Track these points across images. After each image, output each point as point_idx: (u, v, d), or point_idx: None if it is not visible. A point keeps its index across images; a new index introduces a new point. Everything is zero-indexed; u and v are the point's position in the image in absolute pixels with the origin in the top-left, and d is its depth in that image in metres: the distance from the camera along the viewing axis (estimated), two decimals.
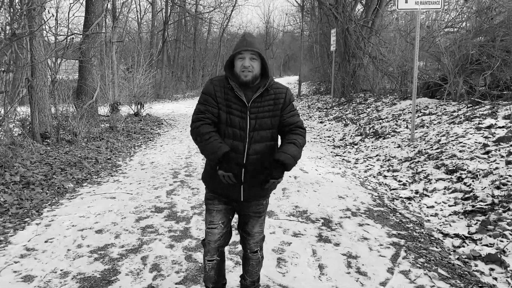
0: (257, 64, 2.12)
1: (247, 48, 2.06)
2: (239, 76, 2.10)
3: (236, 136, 2.13)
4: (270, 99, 2.19)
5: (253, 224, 2.34)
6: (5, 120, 6.54)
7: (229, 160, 2.09)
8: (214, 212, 2.27)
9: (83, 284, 2.78)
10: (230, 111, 2.14)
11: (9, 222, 4.03)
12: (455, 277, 3.04)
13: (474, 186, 4.73)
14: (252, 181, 2.17)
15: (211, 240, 2.28)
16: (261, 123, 2.16)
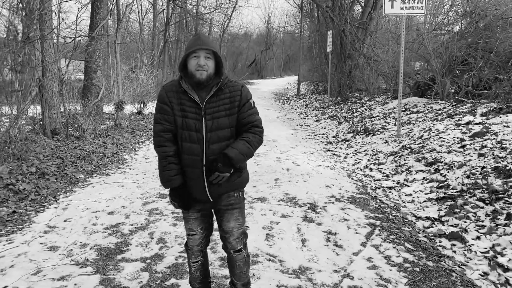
0: (212, 63, 2.11)
1: (201, 47, 2.05)
2: (194, 75, 2.09)
3: (192, 139, 2.13)
4: (225, 97, 2.16)
5: (228, 218, 2.28)
6: (19, 117, 7.03)
7: (180, 192, 2.18)
8: (191, 221, 2.30)
9: (100, 252, 3.28)
10: (185, 115, 2.13)
11: (30, 206, 4.53)
12: (419, 250, 3.53)
13: (448, 176, 5.22)
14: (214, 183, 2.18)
15: (193, 245, 2.34)
16: (218, 123, 2.13)
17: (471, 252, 3.54)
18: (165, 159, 2.16)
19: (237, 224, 2.30)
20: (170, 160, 2.15)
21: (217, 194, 2.21)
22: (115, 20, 14.31)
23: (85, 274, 2.92)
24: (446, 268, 3.22)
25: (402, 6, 7.06)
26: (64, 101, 8.92)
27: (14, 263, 3.09)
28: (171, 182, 2.15)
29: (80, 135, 8.19)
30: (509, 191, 4.21)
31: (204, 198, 2.20)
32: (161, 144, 2.17)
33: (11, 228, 3.84)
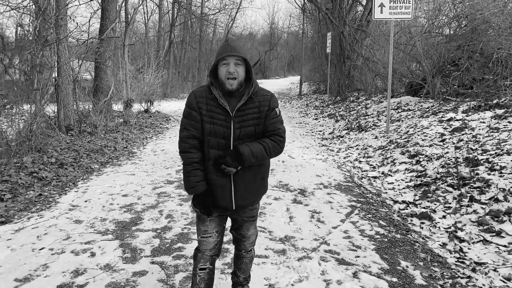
0: (242, 70, 2.09)
1: (231, 54, 2.03)
2: (224, 84, 2.07)
3: (220, 146, 2.11)
4: (254, 106, 2.14)
5: (248, 227, 2.36)
6: (38, 114, 7.67)
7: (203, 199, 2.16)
8: (207, 222, 2.24)
9: (118, 225, 3.89)
10: (214, 122, 2.10)
11: (53, 191, 5.15)
12: (390, 226, 4.10)
13: (427, 166, 5.78)
14: (242, 189, 2.17)
15: (206, 249, 2.27)
16: (246, 131, 2.12)
17: (436, 228, 4.11)
18: (190, 165, 2.14)
19: (254, 231, 2.42)
20: (195, 166, 2.13)
21: (240, 204, 2.20)
22: (122, 22, 14.96)
23: (106, 240, 3.53)
24: (411, 239, 3.80)
25: (390, 11, 7.62)
26: (77, 99, 9.56)
27: (47, 232, 3.71)
28: (195, 188, 2.13)
29: (93, 131, 8.82)
30: (475, 177, 4.78)
31: (228, 206, 2.19)
32: (186, 150, 2.15)
33: (40, 207, 4.47)
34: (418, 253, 3.50)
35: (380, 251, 3.46)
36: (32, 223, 3.93)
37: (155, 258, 3.19)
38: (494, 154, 5.16)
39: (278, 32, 52.96)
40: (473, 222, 4.06)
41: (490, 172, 4.81)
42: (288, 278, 2.93)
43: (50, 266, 3.05)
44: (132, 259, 3.17)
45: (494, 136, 5.74)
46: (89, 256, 3.22)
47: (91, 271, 2.98)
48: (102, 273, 2.94)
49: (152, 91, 13.41)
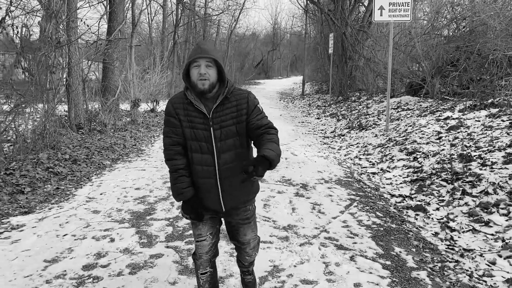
0: (213, 71, 2.10)
1: (201, 55, 2.05)
2: (196, 85, 2.09)
3: (203, 149, 2.14)
4: (232, 106, 2.15)
5: (245, 231, 2.33)
6: (51, 113, 7.98)
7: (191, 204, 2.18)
8: (200, 225, 2.27)
9: (133, 215, 4.19)
10: (193, 126, 2.13)
11: (69, 185, 5.46)
12: (387, 217, 4.39)
13: (424, 163, 6.06)
14: (230, 190, 2.19)
15: (202, 253, 2.29)
16: (226, 131, 2.14)
17: (429, 219, 4.39)
18: (176, 172, 2.17)
19: (253, 235, 2.37)
20: (180, 173, 2.16)
21: (230, 205, 2.22)
22: (129, 24, 15.29)
23: (124, 228, 3.83)
24: (405, 229, 4.08)
25: (390, 14, 7.90)
26: (86, 99, 9.89)
27: (68, 220, 4.02)
28: (183, 194, 2.15)
29: (102, 129, 9.14)
30: (467, 172, 5.05)
31: (217, 209, 2.22)
32: (171, 158, 2.19)
33: (58, 199, 4.78)
34: (411, 241, 3.78)
35: (375, 239, 3.75)
36: (53, 213, 4.24)
37: (169, 243, 3.49)
38: (487, 151, 5.43)
39: (281, 32, 53.23)
40: (464, 214, 4.33)
41: (482, 167, 5.08)
42: (290, 260, 3.23)
43: (74, 250, 3.35)
44: (148, 244, 3.47)
45: (488, 133, 6.01)
46: (109, 241, 3.53)
47: (112, 253, 3.29)
48: (122, 256, 3.24)
49: (158, 91, 13.72)
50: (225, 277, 2.94)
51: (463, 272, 3.22)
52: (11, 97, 6.66)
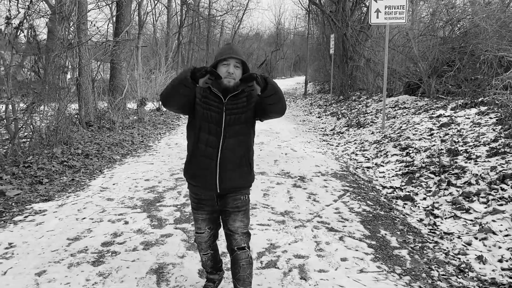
0: (239, 72, 2.24)
1: (232, 56, 2.18)
2: (222, 82, 2.21)
3: (211, 131, 2.25)
4: (243, 96, 2.29)
5: (234, 218, 2.37)
6: (63, 110, 8.41)
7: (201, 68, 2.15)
8: (199, 221, 2.46)
9: (144, 202, 4.60)
10: (207, 107, 2.25)
11: (83, 176, 5.88)
12: (376, 205, 4.77)
13: (415, 157, 6.43)
14: (227, 173, 2.28)
15: (201, 242, 2.52)
16: (235, 118, 2.26)
17: (416, 207, 4.77)
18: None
19: (242, 225, 2.40)
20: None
21: (225, 187, 2.30)
22: (135, 26, 15.73)
23: (136, 212, 4.24)
24: (393, 216, 4.46)
25: (386, 16, 8.27)
26: (95, 98, 10.31)
27: (85, 206, 4.43)
28: (187, 70, 2.15)
29: (111, 127, 9.57)
30: (453, 165, 5.42)
31: (212, 189, 2.30)
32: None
33: (74, 189, 5.19)
34: (397, 225, 4.16)
35: (364, 223, 4.13)
36: (71, 200, 4.65)
37: (177, 225, 3.89)
38: (473, 145, 5.80)
39: (285, 32, 53.57)
40: (448, 202, 4.71)
41: (467, 160, 5.45)
42: (286, 239, 3.62)
43: (93, 230, 3.76)
44: (159, 226, 3.88)
45: (475, 130, 6.37)
46: (124, 223, 3.93)
47: (127, 233, 3.69)
48: (136, 235, 3.65)
49: None
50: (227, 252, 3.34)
51: (440, 251, 3.60)
52: (27, 96, 7.09)
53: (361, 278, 2.97)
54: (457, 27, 9.94)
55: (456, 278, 3.09)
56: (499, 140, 5.59)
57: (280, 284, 2.85)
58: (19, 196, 4.83)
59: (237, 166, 2.30)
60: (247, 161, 2.36)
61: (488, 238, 3.79)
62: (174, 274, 2.95)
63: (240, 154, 2.31)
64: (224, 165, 2.27)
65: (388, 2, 8.25)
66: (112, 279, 2.87)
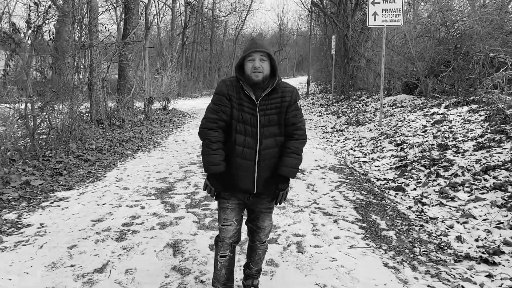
0: (267, 65, 2.23)
1: (257, 49, 2.18)
2: (250, 77, 2.21)
3: (247, 132, 2.25)
4: (277, 97, 2.28)
5: (264, 218, 2.45)
6: (76, 108, 8.88)
7: (223, 177, 2.29)
8: (228, 210, 2.39)
9: (157, 191, 5.04)
10: (241, 109, 2.25)
11: (98, 169, 6.33)
12: (369, 194, 5.19)
13: (409, 152, 6.84)
14: (265, 175, 2.30)
15: (226, 236, 2.41)
16: (270, 119, 2.27)
17: (406, 197, 5.19)
18: (215, 143, 2.24)
19: (270, 222, 2.50)
20: (219, 145, 2.25)
21: (262, 190, 2.33)
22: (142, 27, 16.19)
23: (151, 199, 4.69)
24: (384, 203, 4.88)
25: (383, 19, 8.68)
26: (106, 97, 10.78)
27: (104, 194, 4.88)
28: (219, 166, 2.24)
29: (121, 124, 10.03)
30: (443, 159, 5.84)
31: (250, 189, 2.31)
32: (212, 128, 2.26)
33: (92, 180, 5.65)
34: (387, 211, 4.58)
35: (357, 209, 4.56)
36: (90, 189, 5.11)
37: (189, 210, 4.33)
38: (461, 140, 6.21)
39: (287, 33, 53.95)
40: (436, 192, 5.12)
41: (456, 154, 5.87)
42: (285, 222, 4.05)
43: (113, 214, 4.21)
44: (172, 210, 4.32)
45: (465, 126, 6.78)
46: (140, 208, 4.38)
47: (144, 216, 4.14)
48: (152, 217, 4.09)
49: (170, 90, 14.61)
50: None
51: (424, 233, 4.02)
52: (43, 95, 7.55)
53: (351, 252, 3.40)
54: (453, 28, 10.33)
55: (436, 253, 3.51)
56: (486, 135, 6.00)
57: (280, 256, 3.28)
58: (43, 185, 5.29)
59: (273, 166, 2.33)
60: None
61: (468, 222, 4.21)
62: (188, 248, 3.39)
63: (276, 154, 2.32)
64: (263, 166, 2.29)
65: (385, 5, 8.66)
66: (134, 252, 3.31)
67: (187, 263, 3.12)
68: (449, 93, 9.30)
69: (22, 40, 6.17)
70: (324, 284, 2.86)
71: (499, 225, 3.98)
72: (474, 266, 3.26)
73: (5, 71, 5.90)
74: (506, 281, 2.96)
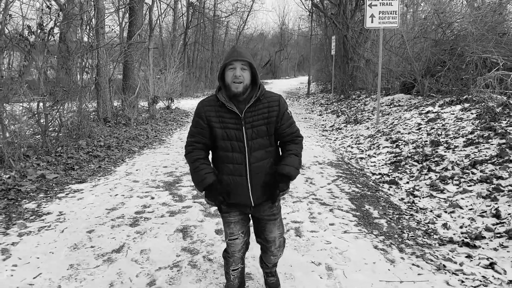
0: (248, 74, 2.18)
1: (237, 58, 2.12)
2: (230, 87, 2.17)
3: (234, 148, 2.20)
4: (263, 107, 2.23)
5: (270, 228, 2.37)
6: (83, 107, 9.22)
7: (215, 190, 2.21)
8: (232, 224, 2.35)
9: (165, 183, 5.38)
10: (225, 126, 2.19)
11: (108, 164, 6.67)
12: (364, 187, 5.52)
13: (403, 149, 7.17)
14: (259, 185, 2.25)
15: (235, 251, 2.37)
16: (258, 131, 2.21)
17: (399, 189, 5.51)
18: (196, 161, 2.23)
19: (279, 232, 2.40)
20: (200, 161, 2.23)
21: (259, 201, 2.29)
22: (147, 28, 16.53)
23: (160, 191, 5.02)
24: (378, 195, 5.21)
25: (379, 21, 9.01)
26: (112, 96, 11.13)
27: (116, 186, 5.22)
28: (205, 180, 2.18)
29: (127, 122, 10.37)
30: (434, 154, 6.16)
31: (247, 203, 2.28)
32: (192, 151, 2.26)
33: (103, 174, 5.99)
34: (380, 202, 4.91)
35: (352, 200, 4.89)
36: (102, 182, 5.45)
37: (195, 200, 4.67)
38: (453, 137, 6.54)
39: (288, 33, 54.29)
40: (427, 185, 5.45)
41: (447, 150, 6.19)
42: (285, 210, 4.38)
43: (125, 203, 4.54)
44: (180, 200, 4.66)
45: (458, 124, 7.10)
46: (150, 199, 4.72)
47: (154, 205, 4.47)
48: (162, 206, 4.43)
49: (173, 90, 14.95)
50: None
51: (414, 221, 4.35)
52: (54, 94, 7.89)
53: (344, 237, 3.73)
54: (449, 30, 10.65)
55: (422, 238, 3.84)
56: (475, 132, 6.32)
57: None
58: (57, 178, 5.63)
59: (267, 177, 2.27)
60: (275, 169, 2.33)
61: (455, 211, 4.53)
62: (196, 232, 3.73)
63: (268, 165, 2.27)
64: (255, 179, 2.24)
65: (382, 8, 8.99)
66: (147, 235, 3.65)
67: (196, 245, 3.46)
68: (444, 92, 9.62)
69: (36, 42, 6.51)
70: (319, 262, 3.20)
71: (482, 213, 4.31)
72: (456, 248, 3.59)
73: (20, 71, 6.24)
74: (483, 261, 3.29)
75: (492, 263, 3.26)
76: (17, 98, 6.62)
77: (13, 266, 3.06)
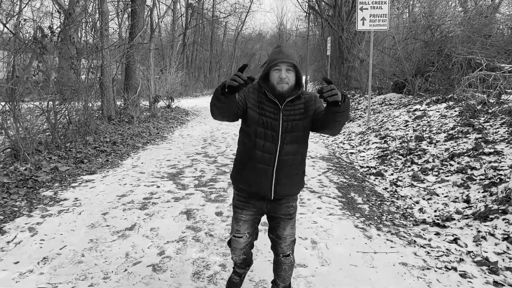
0: (292, 76, 2.18)
1: (284, 60, 2.12)
2: (275, 88, 2.17)
3: (268, 137, 2.19)
4: (301, 103, 2.24)
5: (284, 226, 2.35)
6: (90, 106, 9.69)
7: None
8: (241, 222, 2.34)
9: (169, 174, 5.86)
10: (263, 113, 2.19)
11: (115, 158, 7.15)
12: (352, 178, 6.01)
13: (391, 144, 7.66)
14: (283, 179, 2.23)
15: (236, 248, 2.39)
16: (293, 125, 2.20)
17: (384, 180, 6.01)
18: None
19: (291, 232, 2.39)
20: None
21: (279, 194, 2.26)
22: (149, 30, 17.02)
23: (164, 181, 5.51)
24: (363, 185, 5.70)
25: (370, 24, 9.50)
26: (115, 95, 11.60)
27: (124, 177, 5.70)
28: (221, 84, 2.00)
29: (130, 120, 10.84)
30: (418, 148, 6.66)
31: (267, 195, 2.25)
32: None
33: (111, 166, 6.47)
34: (365, 191, 5.40)
35: (339, 189, 5.38)
36: (111, 174, 5.93)
37: (197, 188, 5.15)
38: (435, 133, 7.04)
39: (286, 33, 54.73)
40: (409, 176, 5.94)
41: (429, 144, 6.69)
42: None
43: (134, 191, 5.03)
44: (183, 189, 5.14)
45: (441, 121, 7.60)
46: (156, 187, 5.20)
47: (160, 192, 4.96)
48: (167, 194, 4.92)
49: (173, 89, 15.43)
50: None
51: (394, 206, 4.84)
52: (63, 93, 8.36)
53: (329, 218, 4.22)
54: (438, 31, 11.15)
55: (399, 220, 4.33)
56: (456, 128, 6.82)
57: None
58: (69, 170, 6.11)
59: (292, 173, 2.28)
60: (301, 168, 2.34)
61: (432, 198, 5.03)
62: (198, 214, 4.22)
63: (296, 161, 2.28)
64: (281, 172, 2.23)
65: (372, 11, 9.48)
66: (156, 217, 4.13)
67: (198, 224, 3.95)
68: (431, 91, 10.12)
69: (47, 44, 6.98)
70: (306, 237, 3.69)
71: (455, 200, 4.81)
72: (427, 228, 4.09)
73: (35, 71, 6.71)
74: (449, 237, 3.79)
75: (456, 239, 3.76)
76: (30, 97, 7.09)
77: (41, 240, 3.54)
